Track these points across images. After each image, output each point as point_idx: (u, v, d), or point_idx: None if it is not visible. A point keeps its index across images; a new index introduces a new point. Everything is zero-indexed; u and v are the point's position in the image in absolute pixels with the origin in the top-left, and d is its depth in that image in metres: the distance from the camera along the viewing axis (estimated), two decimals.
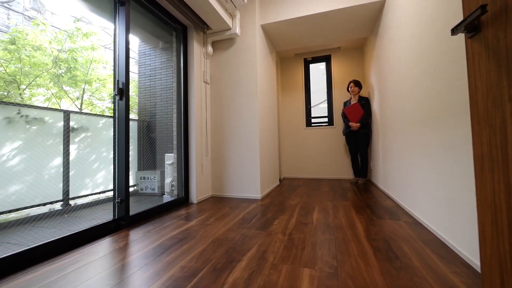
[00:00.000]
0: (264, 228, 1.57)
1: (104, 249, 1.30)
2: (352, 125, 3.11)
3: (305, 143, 4.00)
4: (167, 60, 3.36)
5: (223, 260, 1.15)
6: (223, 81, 2.67)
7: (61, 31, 3.14)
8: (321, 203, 2.22)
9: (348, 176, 3.72)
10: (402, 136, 1.94)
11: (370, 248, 1.23)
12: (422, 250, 1.19)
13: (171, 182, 2.47)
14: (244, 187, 2.54)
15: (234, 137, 2.60)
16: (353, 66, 3.83)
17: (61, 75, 3.06)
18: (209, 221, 1.75)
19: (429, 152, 1.45)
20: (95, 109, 3.77)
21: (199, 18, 2.30)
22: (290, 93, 4.14)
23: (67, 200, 2.21)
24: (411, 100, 1.73)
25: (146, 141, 3.27)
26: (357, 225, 1.58)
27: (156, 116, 3.32)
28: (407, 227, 1.51)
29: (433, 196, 1.42)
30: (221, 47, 2.70)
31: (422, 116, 1.54)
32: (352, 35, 3.06)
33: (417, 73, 1.60)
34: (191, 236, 1.47)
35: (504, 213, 0.62)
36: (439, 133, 1.32)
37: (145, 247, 1.32)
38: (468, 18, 0.70)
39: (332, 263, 1.09)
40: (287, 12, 2.63)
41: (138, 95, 3.53)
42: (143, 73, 3.50)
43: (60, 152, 2.19)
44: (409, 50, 1.74)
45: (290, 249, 1.25)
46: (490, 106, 0.66)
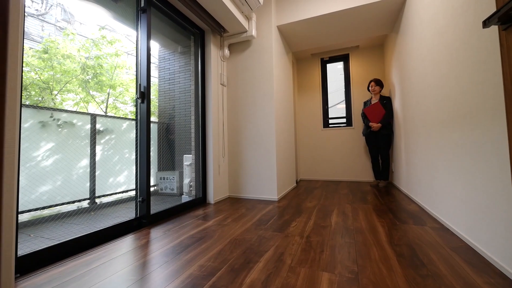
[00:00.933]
0: (281, 230, 1.55)
1: (127, 246, 1.36)
2: (373, 126, 3.00)
3: (323, 145, 3.92)
4: (186, 64, 3.45)
5: (240, 260, 1.15)
6: (240, 83, 2.70)
7: (88, 39, 3.35)
8: (339, 205, 2.16)
9: (368, 179, 3.59)
10: (427, 136, 1.84)
11: (393, 254, 1.17)
12: (451, 258, 1.12)
13: (189, 183, 2.53)
14: (261, 189, 2.54)
15: (250, 138, 2.61)
16: (372, 64, 3.71)
17: (88, 80, 3.25)
18: (226, 221, 1.77)
19: (459, 152, 1.36)
20: (119, 112, 3.97)
21: (216, 22, 2.34)
22: (307, 94, 4.09)
23: (93, 199, 2.34)
24: (436, 98, 1.64)
25: (165, 143, 3.38)
26: (378, 229, 1.52)
27: (175, 119, 3.42)
28: (434, 233, 1.43)
29: (463, 201, 1.32)
30: (238, 50, 2.73)
31: (449, 115, 1.46)
32: (372, 33, 2.97)
33: (443, 69, 1.51)
34: (209, 236, 1.49)
35: None
36: (469, 133, 1.24)
37: (165, 245, 1.36)
38: (502, 8, 0.65)
39: (353, 268, 1.05)
40: (303, 12, 2.60)
41: (158, 98, 3.67)
42: (162, 77, 3.63)
43: (87, 153, 2.32)
44: (434, 46, 1.65)
45: (308, 252, 1.23)
46: None
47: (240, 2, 2.22)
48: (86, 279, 1.02)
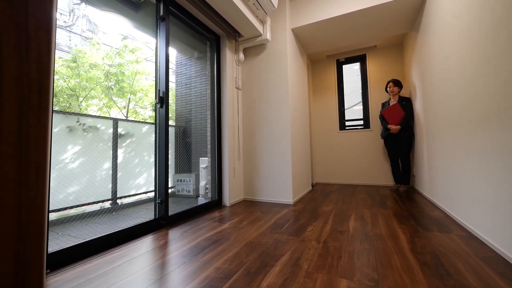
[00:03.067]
0: (297, 234, 1.54)
1: (146, 246, 1.40)
2: (392, 128, 2.90)
3: (339, 147, 3.84)
4: (202, 68, 3.54)
5: (256, 264, 1.15)
6: (255, 86, 2.72)
7: (112, 48, 3.54)
8: (357, 210, 2.10)
9: (387, 183, 3.46)
10: (452, 138, 1.75)
11: (416, 262, 1.12)
12: (480, 269, 1.05)
13: (205, 185, 2.57)
14: (276, 192, 2.52)
15: (265, 141, 2.62)
16: (391, 64, 3.59)
17: (111, 87, 3.43)
18: (242, 224, 1.78)
19: (489, 155, 1.28)
20: (138, 117, 4.13)
21: (231, 27, 2.38)
22: (322, 96, 4.03)
23: (115, 199, 2.44)
24: (463, 98, 1.55)
25: (182, 146, 3.47)
26: (399, 236, 1.45)
27: (191, 122, 3.50)
28: (461, 241, 1.34)
29: (494, 207, 1.24)
30: (252, 53, 2.75)
31: (477, 115, 1.37)
32: (390, 32, 2.88)
33: (469, 68, 1.43)
34: (225, 238, 1.50)
35: None
36: (500, 134, 1.16)
37: (182, 246, 1.39)
38: None
39: (373, 275, 1.02)
40: (318, 14, 2.58)
41: (176, 102, 3.78)
42: (180, 82, 3.74)
43: (110, 156, 2.43)
44: (458, 43, 1.57)
45: (325, 257, 1.20)
46: None
47: (254, 6, 2.25)
48: (110, 276, 1.06)
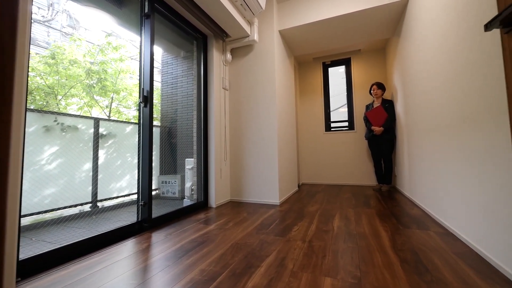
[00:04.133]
0: (283, 235, 1.54)
1: (128, 250, 1.35)
2: (375, 129, 2.99)
3: (325, 148, 3.91)
4: (188, 68, 3.49)
5: (242, 265, 1.14)
6: (242, 87, 2.71)
7: (94, 45, 3.41)
8: (342, 210, 2.14)
9: (371, 183, 3.57)
10: (431, 140, 1.83)
11: (396, 259, 1.16)
12: (455, 264, 1.10)
13: (191, 186, 2.53)
14: (262, 192, 2.53)
15: (252, 142, 2.62)
16: (374, 68, 3.71)
17: (93, 85, 3.30)
18: (228, 225, 1.76)
19: (464, 156, 1.35)
20: (122, 117, 4.00)
21: (219, 27, 2.37)
22: (309, 97, 4.10)
23: (95, 202, 2.34)
24: (441, 101, 1.63)
25: (167, 147, 3.39)
26: (381, 234, 1.50)
27: (177, 123, 3.44)
28: (438, 238, 1.41)
29: (468, 205, 1.31)
30: (240, 54, 2.75)
31: (453, 118, 1.45)
32: (373, 36, 2.98)
33: (447, 73, 1.51)
34: (211, 240, 1.48)
35: None
36: (475, 136, 1.23)
37: (166, 249, 1.35)
38: (504, 12, 0.65)
39: (355, 273, 1.04)
40: (305, 16, 2.62)
41: (161, 102, 3.69)
42: (165, 81, 3.66)
43: (90, 157, 2.34)
44: (436, 49, 1.65)
45: (310, 257, 1.21)
46: None
47: (242, 7, 2.25)
48: (88, 282, 1.01)
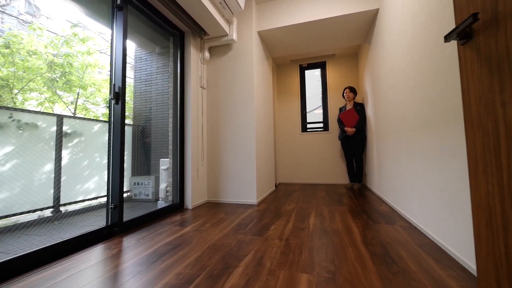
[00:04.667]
0: (260, 234, 1.55)
1: (96, 257, 1.26)
2: (348, 130, 3.15)
3: (301, 148, 4.01)
4: (164, 65, 3.36)
5: (219, 266, 1.13)
6: (220, 86, 2.68)
7: (57, 36, 3.13)
8: (317, 208, 2.22)
9: (344, 181, 3.74)
10: (397, 141, 1.97)
11: (367, 253, 1.22)
12: (418, 255, 1.19)
13: (166, 188, 2.44)
14: (240, 193, 2.52)
15: (230, 142, 2.60)
16: (347, 72, 3.90)
17: (56, 79, 3.03)
18: (205, 227, 1.73)
19: (424, 156, 1.47)
20: (89, 114, 3.73)
21: (197, 24, 2.32)
22: (286, 99, 4.18)
23: (57, 207, 2.15)
24: (405, 105, 1.76)
25: (140, 146, 3.24)
26: (353, 230, 1.58)
27: (151, 121, 3.30)
28: (403, 232, 1.52)
29: (428, 201, 1.43)
30: (218, 53, 2.72)
31: (417, 121, 1.57)
32: (347, 42, 3.13)
33: (411, 79, 1.63)
34: (187, 242, 1.44)
35: (499, 215, 0.63)
36: (434, 138, 1.34)
37: (139, 254, 1.29)
38: (460, 25, 0.72)
39: (330, 268, 1.08)
40: (283, 19, 2.67)
41: (134, 100, 3.51)
42: (139, 78, 3.49)
43: (52, 157, 2.14)
44: (402, 57, 1.78)
45: (287, 254, 1.24)
46: (483, 110, 0.68)
47: (221, 5, 2.23)
48: None
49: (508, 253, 0.60)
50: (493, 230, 0.65)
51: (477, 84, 0.70)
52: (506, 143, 0.60)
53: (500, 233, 0.63)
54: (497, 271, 0.64)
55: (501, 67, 0.61)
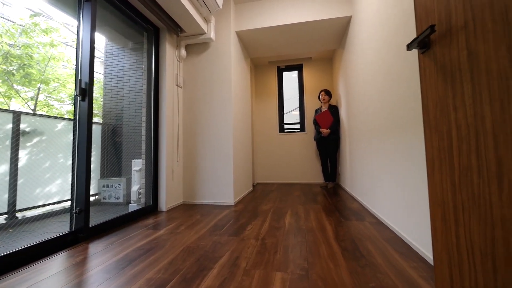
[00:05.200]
0: (237, 234, 1.55)
1: (58, 266, 1.17)
2: (323, 131, 3.26)
3: (278, 149, 4.08)
4: (137, 61, 3.21)
5: (193, 269, 1.10)
6: (197, 85, 2.63)
7: (14, 25, 2.84)
8: (293, 207, 2.26)
9: (319, 181, 3.87)
10: (367, 142, 2.08)
11: (338, 249, 1.28)
12: (384, 248, 1.27)
13: (138, 190, 2.33)
14: (217, 193, 2.49)
15: (207, 142, 2.55)
16: (323, 75, 4.05)
17: (12, 72, 2.75)
18: (179, 229, 1.68)
19: (391, 156, 1.57)
20: (52, 111, 3.44)
21: (173, 21, 2.25)
22: (264, 99, 4.22)
23: (13, 213, 1.95)
24: (374, 109, 1.87)
25: (111, 146, 3.06)
26: (327, 227, 1.64)
27: (123, 120, 3.13)
28: (372, 227, 1.61)
29: (393, 198, 1.53)
30: (195, 51, 2.66)
31: (384, 124, 1.68)
32: (322, 46, 3.24)
33: (379, 84, 1.74)
34: (160, 246, 1.39)
35: (451, 209, 0.69)
36: (399, 139, 1.44)
37: (106, 260, 1.21)
38: (420, 36, 0.78)
39: (303, 265, 1.11)
40: (261, 20, 2.70)
41: (103, 97, 3.31)
42: (109, 74, 3.29)
43: (7, 158, 1.94)
44: (372, 63, 1.89)
45: (263, 254, 1.25)
46: (439, 114, 0.74)
47: (198, 3, 2.18)
48: None
49: (458, 243, 0.67)
50: (446, 223, 0.72)
51: (434, 90, 0.76)
52: (458, 144, 0.66)
53: (452, 225, 0.69)
54: (449, 259, 0.71)
55: (454, 75, 0.67)
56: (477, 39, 0.59)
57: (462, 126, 0.64)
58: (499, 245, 0.54)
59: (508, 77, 0.51)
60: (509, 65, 0.50)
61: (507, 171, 0.51)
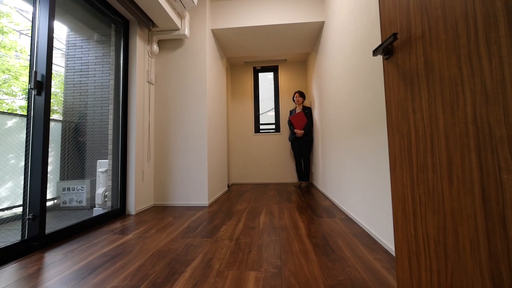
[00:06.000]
0: (210, 236, 1.52)
1: (6, 279, 1.04)
2: (297, 132, 3.35)
3: (254, 149, 4.09)
4: (104, 55, 3.00)
5: (163, 273, 1.05)
6: (170, 82, 2.53)
7: None
8: (267, 206, 2.29)
9: (293, 180, 3.96)
10: (337, 143, 2.18)
11: (310, 245, 1.32)
12: (352, 243, 1.34)
13: (104, 193, 2.17)
14: (191, 195, 2.42)
15: (180, 142, 2.47)
16: (297, 77, 4.16)
17: None
18: (149, 233, 1.60)
19: (358, 156, 1.66)
20: (2, 106, 3.08)
21: (144, 14, 2.14)
22: (240, 99, 4.21)
23: None
24: (344, 111, 1.97)
25: (73, 146, 2.81)
26: (300, 225, 1.68)
27: (87, 117, 2.90)
28: (341, 223, 1.69)
29: (360, 195, 1.62)
30: (169, 47, 2.56)
31: (353, 125, 1.77)
32: (297, 49, 3.33)
33: (349, 87, 1.83)
34: (127, 251, 1.31)
35: (410, 203, 0.75)
36: (366, 140, 1.53)
37: (65, 269, 1.11)
38: (384, 43, 0.84)
39: (277, 263, 1.13)
40: (237, 20, 2.69)
41: (65, 92, 3.04)
42: (71, 67, 3.03)
43: None
44: (342, 68, 1.99)
45: (237, 254, 1.24)
46: (400, 116, 0.80)
47: None
48: None
49: (416, 234, 0.73)
50: (406, 216, 0.78)
51: (396, 94, 0.82)
52: (416, 144, 0.72)
53: (411, 218, 0.75)
54: (409, 250, 0.77)
55: (413, 80, 0.73)
56: (432, 48, 0.64)
57: (420, 127, 0.70)
58: (449, 234, 0.60)
59: (457, 84, 0.56)
60: (458, 73, 0.56)
61: (456, 168, 0.57)
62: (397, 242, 0.83)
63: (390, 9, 0.85)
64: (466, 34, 0.54)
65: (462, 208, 0.55)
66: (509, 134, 0.44)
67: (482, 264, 0.51)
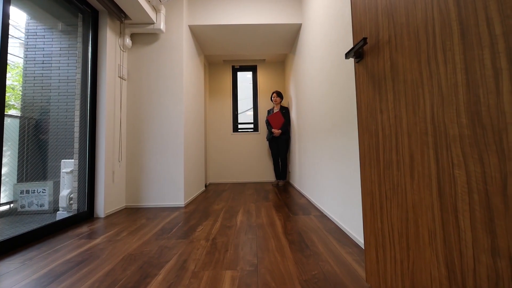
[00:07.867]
0: (186, 237, 1.48)
1: None
2: (275, 131, 3.39)
3: (232, 148, 4.07)
4: (70, 46, 2.78)
5: (135, 277, 1.01)
6: (144, 78, 2.42)
7: None
8: (245, 205, 2.29)
9: (271, 179, 4.01)
10: (313, 142, 2.25)
11: (286, 242, 1.34)
12: (326, 238, 1.39)
13: (69, 195, 2.02)
14: (166, 195, 2.34)
15: (155, 141, 2.38)
16: (276, 78, 4.21)
17: None
18: (120, 236, 1.52)
19: (333, 154, 1.73)
20: None
21: (114, 4, 2.02)
22: (218, 98, 4.16)
23: None
24: (320, 111, 2.04)
25: (33, 145, 2.57)
26: (276, 223, 1.70)
27: (50, 114, 2.67)
28: (316, 220, 1.74)
29: (334, 192, 1.69)
30: (143, 41, 2.45)
31: (327, 124, 1.84)
32: (275, 50, 3.37)
33: (324, 88, 1.90)
34: (95, 256, 1.23)
35: (377, 198, 0.80)
36: (339, 139, 1.60)
37: (23, 279, 1.01)
38: (355, 46, 0.88)
39: (253, 261, 1.13)
40: (214, 17, 2.65)
41: (23, 85, 2.76)
42: (32, 58, 2.77)
43: None
44: (317, 69, 2.05)
45: (213, 254, 1.22)
46: (369, 116, 0.85)
47: None
48: None
49: (382, 227, 0.77)
50: (374, 210, 0.82)
51: (366, 95, 0.87)
52: (383, 142, 0.76)
53: (378, 212, 0.80)
54: (376, 242, 0.81)
55: (380, 83, 0.78)
56: (397, 53, 0.69)
57: (386, 127, 0.74)
58: (411, 226, 0.64)
59: (418, 86, 0.61)
60: (419, 76, 0.61)
61: (417, 164, 0.61)
62: (366, 236, 0.88)
63: (361, 15, 0.90)
64: (426, 40, 0.58)
65: (421, 200, 0.60)
66: (461, 133, 0.49)
67: (438, 252, 0.55)
